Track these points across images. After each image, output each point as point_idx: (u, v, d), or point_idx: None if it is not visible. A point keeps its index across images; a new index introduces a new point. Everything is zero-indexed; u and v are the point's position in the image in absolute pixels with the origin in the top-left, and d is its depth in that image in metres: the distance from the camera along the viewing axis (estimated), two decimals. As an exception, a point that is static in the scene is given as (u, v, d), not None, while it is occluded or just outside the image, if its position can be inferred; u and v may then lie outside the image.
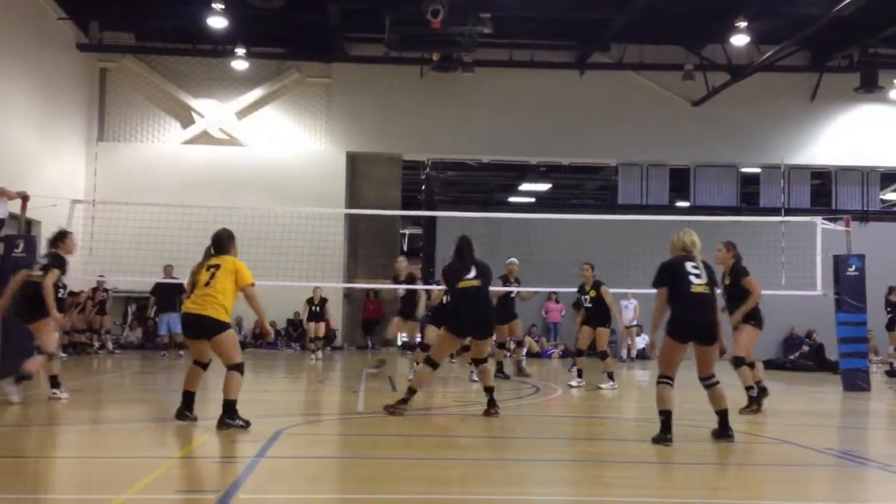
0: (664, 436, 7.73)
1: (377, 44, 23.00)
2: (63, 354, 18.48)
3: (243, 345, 24.07)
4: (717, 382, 8.02)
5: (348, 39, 24.98)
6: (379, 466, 6.86)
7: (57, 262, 10.09)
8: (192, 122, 25.27)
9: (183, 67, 25.37)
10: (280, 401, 11.59)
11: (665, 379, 7.86)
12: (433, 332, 13.43)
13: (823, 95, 25.49)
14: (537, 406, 11.46)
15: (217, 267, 8.36)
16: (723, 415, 7.98)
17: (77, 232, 17.51)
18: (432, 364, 9.56)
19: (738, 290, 10.40)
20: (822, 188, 26.69)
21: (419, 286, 14.41)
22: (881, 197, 27.65)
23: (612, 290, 13.89)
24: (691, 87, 24.89)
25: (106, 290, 20.80)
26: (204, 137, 25.24)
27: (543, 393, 12.99)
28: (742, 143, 25.47)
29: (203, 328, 8.22)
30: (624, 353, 22.16)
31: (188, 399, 8.49)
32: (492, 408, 9.48)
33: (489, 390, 9.60)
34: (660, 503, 5.80)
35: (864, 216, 24.55)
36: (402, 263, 14.79)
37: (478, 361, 9.79)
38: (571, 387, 13.52)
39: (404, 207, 27.23)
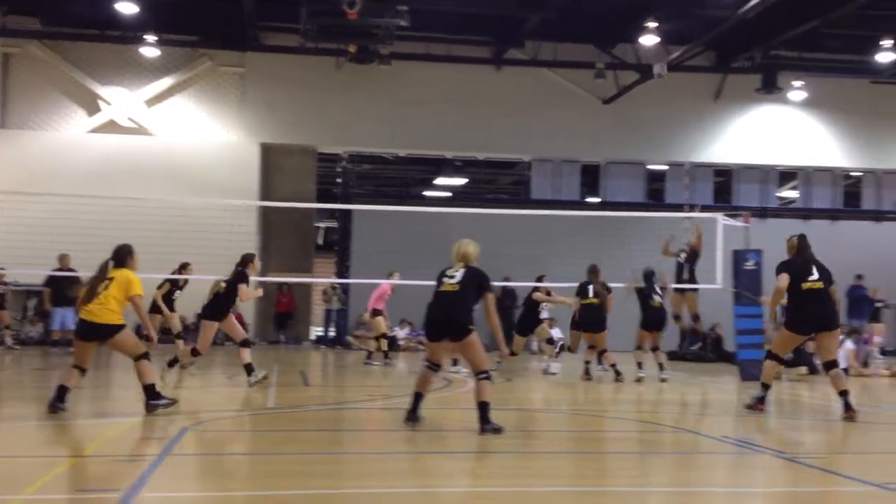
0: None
1: (293, 34, 22.74)
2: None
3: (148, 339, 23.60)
4: (486, 378, 8.17)
5: (263, 29, 24.62)
6: (288, 462, 6.84)
7: None
8: (98, 110, 24.56)
9: (90, 54, 24.63)
10: (187, 398, 11.40)
11: (430, 363, 8.51)
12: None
13: (727, 95, 26.27)
14: (448, 399, 11.56)
15: (111, 279, 8.95)
16: (481, 406, 8.09)
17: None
18: (777, 359, 10.08)
19: None
20: (723, 185, 27.49)
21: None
22: (778, 194, 28.65)
23: (525, 284, 14.20)
24: (602, 85, 25.34)
25: (6, 284, 20.04)
26: (111, 126, 24.57)
27: (456, 386, 13.10)
28: (650, 141, 26.06)
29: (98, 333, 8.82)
30: (536, 346, 22.46)
31: (63, 392, 8.83)
32: (848, 411, 9.49)
33: (843, 394, 9.55)
34: (560, 491, 5.94)
35: (762, 213, 25.36)
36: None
37: (829, 365, 9.80)
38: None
39: (319, 200, 27.00)
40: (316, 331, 26.71)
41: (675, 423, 9.74)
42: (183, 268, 15.37)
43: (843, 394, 9.58)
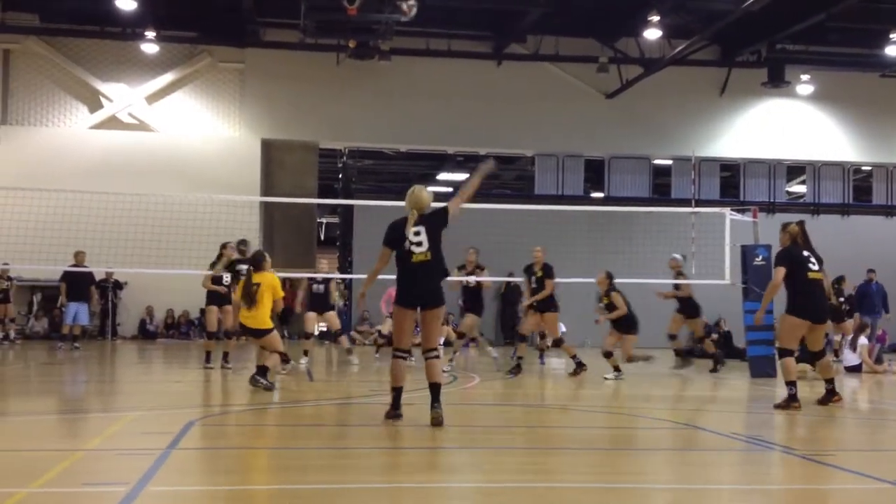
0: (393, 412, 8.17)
1: (292, 29, 22.67)
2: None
3: (154, 335, 23.60)
4: (437, 356, 8.14)
5: (262, 24, 24.57)
6: (292, 456, 6.77)
7: None
8: (100, 106, 24.55)
9: (90, 50, 24.59)
10: (192, 392, 11.35)
11: (399, 352, 8.19)
12: (471, 320, 14.92)
13: (732, 90, 26.19)
14: (455, 395, 11.48)
15: (259, 284, 10.92)
16: (435, 387, 8.03)
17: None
18: (788, 353, 9.78)
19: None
20: (730, 180, 27.43)
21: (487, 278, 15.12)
22: (787, 189, 28.58)
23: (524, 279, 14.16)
24: (605, 79, 25.26)
25: (10, 279, 20.01)
26: (112, 122, 24.54)
27: (461, 382, 13.03)
28: (654, 136, 25.98)
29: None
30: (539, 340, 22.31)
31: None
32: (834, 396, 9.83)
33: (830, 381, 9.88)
34: (567, 488, 5.85)
35: (770, 207, 25.36)
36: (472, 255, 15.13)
37: (818, 355, 10.02)
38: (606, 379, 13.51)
39: (321, 196, 26.95)
40: (319, 326, 26.60)
41: (684, 419, 9.65)
42: (223, 247, 14.65)
43: (830, 381, 9.93)
